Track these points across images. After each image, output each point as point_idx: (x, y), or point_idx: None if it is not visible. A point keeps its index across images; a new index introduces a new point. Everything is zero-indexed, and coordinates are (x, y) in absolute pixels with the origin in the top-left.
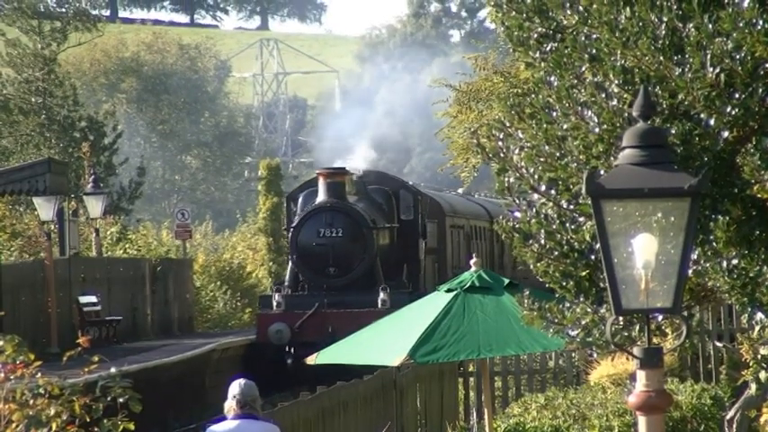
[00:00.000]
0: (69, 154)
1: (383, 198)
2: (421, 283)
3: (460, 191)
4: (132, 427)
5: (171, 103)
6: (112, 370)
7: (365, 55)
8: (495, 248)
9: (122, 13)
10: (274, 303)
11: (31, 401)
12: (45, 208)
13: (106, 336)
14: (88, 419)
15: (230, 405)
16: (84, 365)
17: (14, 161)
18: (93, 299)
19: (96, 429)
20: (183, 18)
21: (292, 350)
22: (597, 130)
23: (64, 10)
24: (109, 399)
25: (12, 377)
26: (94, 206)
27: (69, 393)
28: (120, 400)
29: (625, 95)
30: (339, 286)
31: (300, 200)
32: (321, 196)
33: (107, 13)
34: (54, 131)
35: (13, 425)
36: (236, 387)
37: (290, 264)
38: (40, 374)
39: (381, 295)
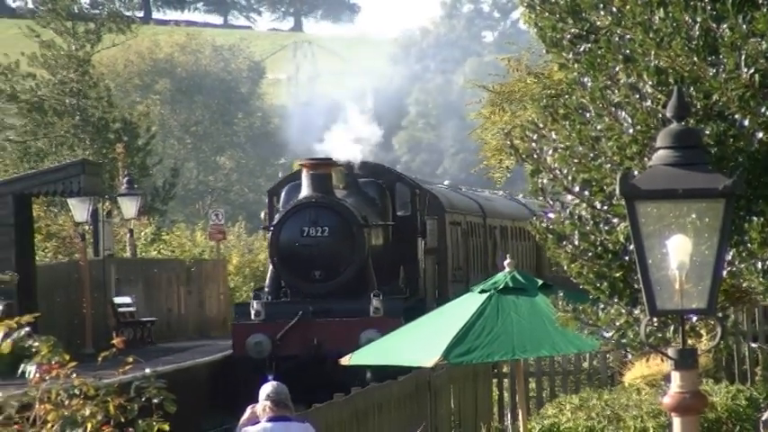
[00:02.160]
0: (103, 155)
1: (376, 192)
2: (420, 287)
3: (446, 183)
4: (167, 427)
5: (205, 105)
6: (147, 371)
7: (398, 56)
8: (489, 246)
9: (156, 15)
10: (252, 312)
11: (67, 402)
12: (79, 209)
13: (141, 336)
14: (123, 420)
15: (264, 406)
16: (119, 366)
17: (49, 162)
18: (127, 300)
19: (131, 430)
20: (217, 19)
21: (273, 364)
22: (631, 130)
23: (98, 11)
24: (143, 399)
25: (47, 378)
26: (128, 207)
27: (104, 394)
28: (155, 400)
29: (659, 96)
30: (325, 292)
31: (283, 195)
32: (305, 191)
33: (141, 14)
34: (88, 132)
35: (49, 425)
36: (268, 387)
37: (270, 267)
38: (75, 375)
39: (374, 302)
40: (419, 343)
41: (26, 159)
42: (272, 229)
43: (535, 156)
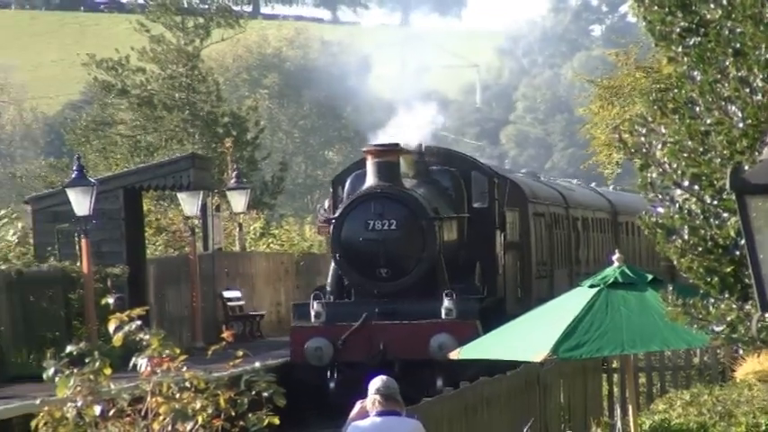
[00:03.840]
0: (212, 149)
1: (450, 182)
2: (499, 285)
3: (524, 171)
4: (277, 421)
5: (313, 99)
6: (257, 364)
7: (505, 50)
8: (572, 238)
9: (264, 10)
10: (312, 314)
11: (177, 395)
12: (189, 203)
13: (249, 330)
14: (233, 413)
15: (373, 400)
16: (229, 360)
17: (159, 156)
18: (236, 293)
19: (242, 423)
20: (325, 14)
21: (335, 372)
22: (741, 125)
23: (207, 6)
24: (253, 393)
25: (158, 371)
26: (237, 201)
27: (214, 387)
28: (265, 394)
29: None
30: (392, 292)
31: (347, 184)
32: (370, 180)
33: (249, 9)
34: (197, 127)
35: (160, 417)
36: (378, 381)
37: (332, 264)
38: (185, 368)
39: (446, 303)
40: (528, 338)
41: (136, 153)
42: (333, 221)
43: (644, 150)
